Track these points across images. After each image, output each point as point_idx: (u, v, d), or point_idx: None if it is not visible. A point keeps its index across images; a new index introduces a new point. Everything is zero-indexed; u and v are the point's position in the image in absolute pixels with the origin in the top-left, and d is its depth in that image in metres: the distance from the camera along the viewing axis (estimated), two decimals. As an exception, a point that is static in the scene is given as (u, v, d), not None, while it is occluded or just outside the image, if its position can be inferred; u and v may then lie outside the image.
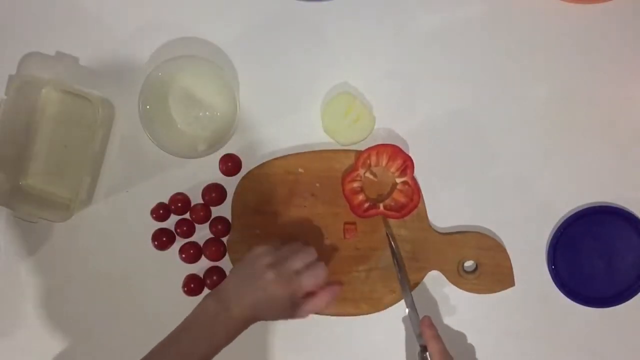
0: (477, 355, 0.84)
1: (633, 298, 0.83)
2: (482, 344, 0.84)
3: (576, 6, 0.82)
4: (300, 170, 0.82)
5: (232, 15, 0.83)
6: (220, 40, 0.83)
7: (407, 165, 0.80)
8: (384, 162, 0.81)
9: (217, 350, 0.71)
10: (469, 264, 0.83)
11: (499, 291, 0.82)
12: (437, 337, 0.78)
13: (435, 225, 0.83)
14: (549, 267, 0.83)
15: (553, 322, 0.84)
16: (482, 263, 0.82)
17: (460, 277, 0.82)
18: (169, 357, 0.70)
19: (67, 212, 0.78)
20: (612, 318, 0.83)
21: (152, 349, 0.71)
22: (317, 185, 0.82)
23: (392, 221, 0.82)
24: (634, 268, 0.83)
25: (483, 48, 0.83)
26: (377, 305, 0.83)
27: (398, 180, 0.81)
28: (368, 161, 0.81)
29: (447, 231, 0.83)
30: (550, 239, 0.83)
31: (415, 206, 0.81)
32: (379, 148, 0.80)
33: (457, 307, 0.84)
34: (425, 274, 0.82)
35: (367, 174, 0.82)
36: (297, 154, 0.82)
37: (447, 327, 0.84)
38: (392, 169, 0.81)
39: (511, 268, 0.82)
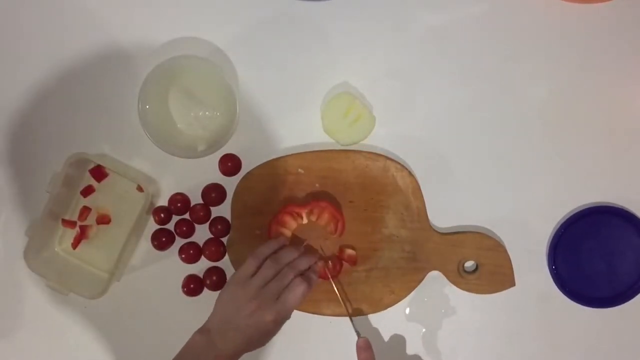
0: (477, 355, 0.84)
1: (633, 298, 0.82)
2: (482, 344, 0.84)
3: (576, 6, 0.82)
4: (300, 170, 0.82)
5: (232, 15, 0.83)
6: (220, 40, 0.83)
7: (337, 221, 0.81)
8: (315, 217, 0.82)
9: None
10: (469, 264, 0.83)
11: (499, 291, 0.82)
12: None
13: (435, 225, 0.83)
14: (549, 267, 0.83)
15: (553, 323, 0.83)
16: (482, 263, 0.82)
17: (460, 278, 0.82)
18: None
19: (99, 289, 0.79)
20: (613, 318, 0.83)
21: None
22: (317, 185, 0.82)
23: (391, 221, 0.82)
24: (634, 268, 0.82)
25: (483, 48, 0.83)
26: (377, 305, 0.82)
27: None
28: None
29: (448, 231, 0.83)
30: (550, 239, 0.83)
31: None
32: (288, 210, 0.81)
33: (457, 307, 0.83)
34: (426, 274, 0.82)
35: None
36: (297, 154, 0.82)
37: (447, 328, 0.84)
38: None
39: (512, 268, 0.82)
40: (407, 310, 0.84)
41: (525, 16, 0.83)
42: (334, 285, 0.80)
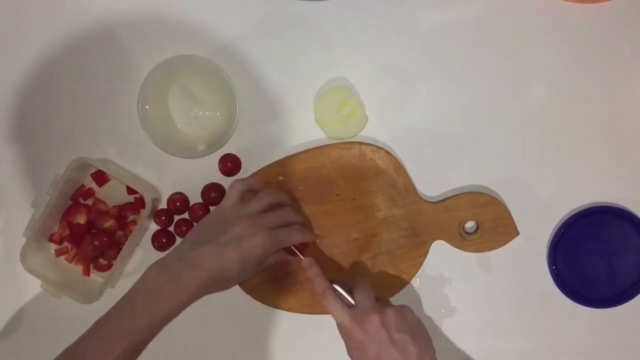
0: (477, 355, 0.83)
1: (634, 298, 0.82)
2: (482, 344, 0.84)
3: (576, 6, 0.82)
4: (280, 178, 0.82)
5: (232, 14, 0.83)
6: (220, 40, 0.83)
7: None
8: None
9: (161, 325, 0.65)
10: (469, 225, 0.82)
11: (506, 243, 0.81)
12: (320, 276, 0.74)
13: (427, 195, 0.83)
14: (549, 267, 0.83)
15: (554, 323, 0.83)
16: (481, 221, 0.81)
17: (464, 241, 0.81)
18: (106, 334, 0.64)
19: (93, 295, 0.79)
20: (613, 318, 0.83)
21: (90, 326, 0.66)
22: (301, 188, 0.82)
23: (382, 203, 0.82)
24: (634, 268, 0.82)
25: (483, 47, 0.83)
26: (390, 289, 0.82)
27: None
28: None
29: (440, 198, 0.83)
30: (550, 239, 0.83)
31: None
32: None
33: (457, 307, 0.83)
34: (429, 247, 0.82)
35: None
36: (274, 162, 0.82)
37: (447, 328, 0.84)
38: None
39: (511, 218, 0.81)
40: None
41: (525, 16, 0.83)
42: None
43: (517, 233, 0.81)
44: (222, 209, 0.73)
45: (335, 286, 0.75)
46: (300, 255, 0.78)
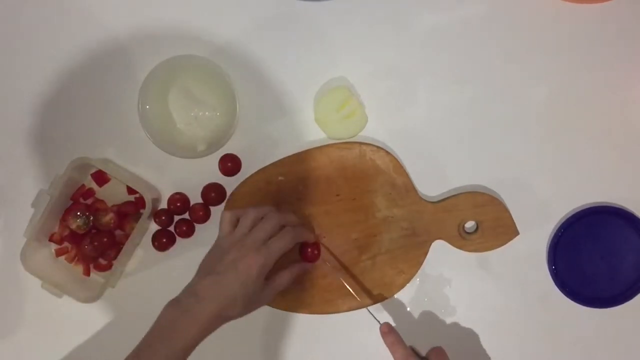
0: (477, 355, 0.83)
1: (634, 298, 0.82)
2: (482, 344, 0.84)
3: (576, 6, 0.82)
4: (280, 178, 0.82)
5: (232, 14, 0.83)
6: (220, 40, 0.83)
7: None
8: None
9: (180, 358, 0.68)
10: (469, 224, 0.83)
11: (506, 243, 0.81)
12: (399, 342, 0.74)
13: (427, 195, 0.83)
14: (549, 267, 0.83)
15: (553, 323, 0.83)
16: (481, 220, 0.81)
17: (464, 240, 0.82)
18: None
19: (94, 294, 0.79)
20: (613, 318, 0.83)
21: None
22: (301, 188, 0.82)
23: (382, 203, 0.82)
24: (634, 268, 0.82)
25: (483, 48, 0.83)
26: (390, 289, 0.82)
27: None
28: None
29: (440, 198, 0.83)
30: (550, 239, 0.83)
31: None
32: None
33: (457, 307, 0.84)
34: (429, 246, 0.82)
35: None
36: (274, 162, 0.82)
37: (447, 329, 0.84)
38: None
39: (511, 218, 0.81)
40: (408, 309, 0.84)
41: (525, 16, 0.83)
42: (343, 281, 0.81)
43: (517, 233, 0.81)
44: (218, 240, 0.75)
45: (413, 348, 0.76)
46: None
